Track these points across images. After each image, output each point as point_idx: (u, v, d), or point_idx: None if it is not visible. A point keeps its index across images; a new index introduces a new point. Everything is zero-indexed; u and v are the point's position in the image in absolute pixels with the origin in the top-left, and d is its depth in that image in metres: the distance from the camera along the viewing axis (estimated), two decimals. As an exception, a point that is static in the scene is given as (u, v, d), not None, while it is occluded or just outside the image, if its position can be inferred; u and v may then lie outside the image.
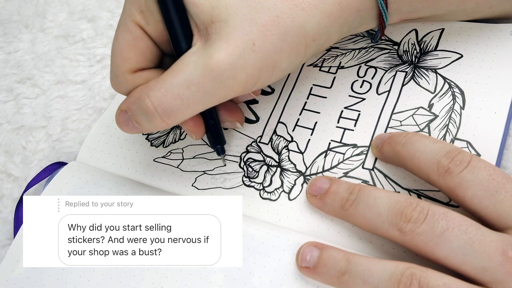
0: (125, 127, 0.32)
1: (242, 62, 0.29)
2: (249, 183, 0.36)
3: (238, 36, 0.29)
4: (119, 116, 0.32)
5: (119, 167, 0.39)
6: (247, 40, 0.29)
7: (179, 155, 0.38)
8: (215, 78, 0.29)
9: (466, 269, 0.26)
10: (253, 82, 0.31)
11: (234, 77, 0.30)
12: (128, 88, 0.32)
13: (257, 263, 0.31)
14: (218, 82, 0.29)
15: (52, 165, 0.41)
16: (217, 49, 0.29)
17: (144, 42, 0.32)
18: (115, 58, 0.32)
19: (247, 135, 0.38)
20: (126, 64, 0.31)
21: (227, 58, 0.29)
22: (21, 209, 0.39)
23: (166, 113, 0.30)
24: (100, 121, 0.41)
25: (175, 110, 0.30)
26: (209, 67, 0.29)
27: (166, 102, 0.30)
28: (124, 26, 0.31)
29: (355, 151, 0.35)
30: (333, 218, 0.32)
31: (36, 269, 0.35)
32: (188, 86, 0.29)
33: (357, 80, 0.38)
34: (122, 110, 0.32)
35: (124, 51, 0.31)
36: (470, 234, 0.27)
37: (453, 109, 0.34)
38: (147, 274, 0.33)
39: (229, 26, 0.29)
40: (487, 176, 0.28)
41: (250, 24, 0.30)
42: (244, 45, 0.29)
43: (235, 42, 0.29)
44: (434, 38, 0.38)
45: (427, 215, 0.27)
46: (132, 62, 0.32)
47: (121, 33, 0.31)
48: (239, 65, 0.29)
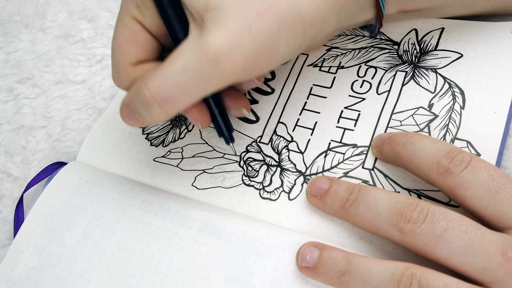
0: (129, 121, 0.32)
1: (240, 46, 0.29)
2: (248, 182, 0.35)
3: (234, 20, 0.29)
4: (122, 109, 0.32)
5: (119, 167, 0.39)
6: (244, 24, 0.29)
7: (179, 154, 0.38)
8: (212, 61, 0.29)
9: (466, 269, 0.26)
10: (251, 66, 0.30)
11: (232, 61, 0.29)
12: (129, 81, 0.32)
13: (257, 263, 0.31)
14: (215, 66, 0.29)
15: (52, 165, 0.41)
16: (214, 35, 0.29)
17: (143, 35, 0.32)
18: (115, 53, 0.32)
19: (247, 135, 0.38)
20: (126, 58, 0.32)
21: (224, 43, 0.29)
22: (21, 209, 0.39)
23: (164, 101, 0.30)
24: (100, 121, 0.41)
25: (173, 97, 0.29)
26: (206, 52, 0.29)
27: (164, 90, 0.29)
28: (122, 22, 0.32)
29: (355, 151, 0.35)
30: (333, 218, 0.32)
31: (36, 269, 0.35)
32: (185, 72, 0.29)
33: (357, 80, 0.38)
34: (124, 103, 0.32)
35: (124, 46, 0.31)
36: (470, 234, 0.27)
37: (453, 109, 0.34)
38: (147, 274, 0.33)
39: (224, 12, 0.29)
40: (487, 176, 0.28)
41: (246, 9, 0.29)
42: (241, 29, 0.29)
43: (232, 26, 0.29)
44: (434, 37, 0.38)
45: (427, 215, 0.27)
46: (132, 56, 0.32)
47: (120, 29, 0.32)
48: (237, 49, 0.29)
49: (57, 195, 0.37)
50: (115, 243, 0.34)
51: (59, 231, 0.36)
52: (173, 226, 0.34)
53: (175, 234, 0.34)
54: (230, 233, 0.33)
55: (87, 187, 0.37)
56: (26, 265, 0.35)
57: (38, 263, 0.35)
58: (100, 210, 0.36)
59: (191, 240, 0.33)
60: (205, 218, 0.34)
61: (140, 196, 0.36)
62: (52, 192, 0.37)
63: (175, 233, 0.34)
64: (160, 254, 0.33)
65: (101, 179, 0.38)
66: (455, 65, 0.36)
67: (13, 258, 0.35)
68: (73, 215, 0.36)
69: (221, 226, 0.33)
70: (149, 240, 0.34)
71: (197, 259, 0.32)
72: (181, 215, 0.34)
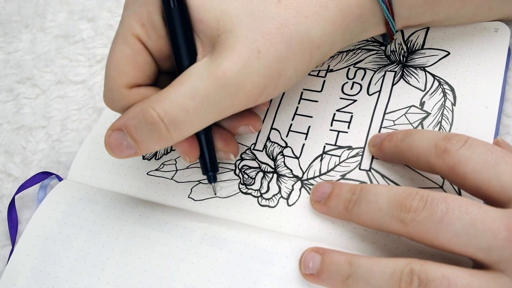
0: (116, 149, 0.30)
1: (248, 70, 0.29)
2: (245, 190, 0.35)
3: (243, 44, 0.29)
4: (111, 137, 0.30)
5: (112, 183, 0.38)
6: (252, 48, 0.29)
7: (173, 166, 0.38)
8: (220, 87, 0.29)
9: (472, 250, 0.26)
10: (259, 90, 0.30)
11: (240, 85, 0.29)
12: (122, 104, 0.31)
13: (261, 271, 0.31)
14: (223, 90, 0.29)
15: (39, 175, 0.40)
16: (222, 59, 0.29)
17: (143, 56, 0.31)
18: (111, 71, 0.31)
19: (241, 143, 0.37)
20: (123, 78, 0.30)
21: (232, 66, 0.29)
22: (14, 210, 0.39)
23: (172, 124, 0.29)
24: (89, 137, 0.41)
25: (181, 122, 0.29)
26: (214, 76, 0.29)
27: (171, 113, 0.29)
28: (122, 39, 0.31)
29: (350, 153, 0.35)
30: (334, 221, 0.32)
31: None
32: (193, 97, 0.29)
33: (347, 82, 0.38)
34: (115, 129, 0.30)
35: (122, 65, 0.30)
36: (472, 214, 0.26)
37: (444, 106, 0.34)
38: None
39: (234, 36, 0.29)
40: (485, 150, 0.28)
41: (255, 32, 0.29)
42: (250, 53, 0.29)
43: (240, 50, 0.29)
44: (420, 37, 0.38)
45: (426, 202, 0.27)
46: (129, 77, 0.31)
47: (119, 46, 0.31)
48: (245, 72, 0.29)
49: (50, 215, 0.36)
50: (114, 260, 0.34)
51: (55, 251, 0.35)
52: (172, 239, 0.34)
53: (175, 247, 0.33)
54: (232, 243, 0.33)
55: (81, 205, 0.37)
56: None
57: (35, 286, 0.34)
58: (96, 227, 0.35)
59: (192, 252, 0.33)
60: (204, 229, 0.34)
61: (136, 211, 0.36)
62: (45, 212, 0.37)
63: (175, 246, 0.33)
64: (161, 269, 0.33)
65: (95, 196, 0.37)
66: (443, 62, 0.36)
67: (9, 281, 0.34)
68: (69, 234, 0.35)
69: (222, 236, 0.33)
70: (149, 255, 0.33)
71: (199, 271, 0.32)
72: (180, 227, 0.34)
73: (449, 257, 0.29)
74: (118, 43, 0.31)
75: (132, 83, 0.31)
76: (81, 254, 0.34)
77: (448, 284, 0.25)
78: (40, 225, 0.36)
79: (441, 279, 0.25)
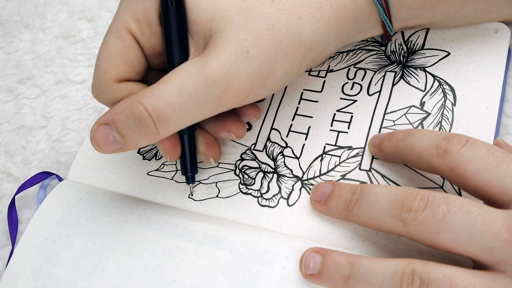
0: (103, 144, 0.30)
1: (235, 70, 0.29)
2: (246, 190, 0.35)
3: (232, 44, 0.29)
4: (97, 131, 0.29)
5: (112, 183, 0.38)
6: (241, 48, 0.29)
7: (173, 166, 0.38)
8: (207, 85, 0.29)
9: (473, 251, 0.26)
10: (247, 90, 0.30)
11: (227, 84, 0.29)
12: (109, 96, 0.31)
13: (261, 272, 0.31)
14: (210, 89, 0.29)
15: (39, 175, 0.40)
16: (211, 58, 0.29)
17: (135, 52, 0.31)
18: (101, 64, 0.31)
19: (241, 143, 0.37)
20: (113, 71, 0.31)
21: (220, 66, 0.29)
22: (14, 210, 0.39)
23: (159, 119, 0.29)
24: (88, 138, 0.41)
25: (168, 118, 0.29)
26: (202, 75, 0.29)
27: (159, 109, 0.29)
28: (116, 32, 0.31)
29: (350, 153, 0.35)
30: (334, 222, 0.32)
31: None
32: (180, 94, 0.29)
33: (347, 83, 0.38)
34: (102, 124, 0.30)
35: (113, 58, 0.31)
36: (473, 215, 0.26)
37: (445, 106, 0.34)
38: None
39: (224, 35, 0.29)
40: (486, 151, 0.28)
41: (245, 32, 0.29)
42: (238, 53, 0.29)
43: (229, 50, 0.29)
44: (420, 37, 0.38)
45: (427, 202, 0.27)
46: (119, 71, 0.31)
47: (112, 39, 0.31)
48: (232, 72, 0.29)
49: (50, 215, 0.36)
50: (114, 261, 0.34)
51: (55, 251, 0.35)
52: (172, 240, 0.34)
53: (176, 247, 0.33)
54: (232, 243, 0.33)
55: (81, 206, 0.37)
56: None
57: (36, 286, 0.34)
58: (97, 227, 0.35)
59: (192, 252, 0.33)
60: (204, 229, 0.34)
61: (136, 211, 0.36)
62: (45, 213, 0.37)
63: (175, 246, 0.33)
64: (161, 269, 0.33)
65: (95, 197, 0.37)
66: (443, 63, 0.36)
67: (9, 282, 0.34)
68: (69, 234, 0.35)
69: (222, 236, 0.33)
70: (149, 256, 0.33)
71: (200, 271, 0.32)
72: (180, 228, 0.34)
73: (450, 257, 0.29)
74: (111, 36, 0.31)
75: (121, 77, 0.31)
76: (81, 255, 0.34)
77: (449, 285, 0.25)
78: (40, 226, 0.36)
79: (443, 280, 0.25)
